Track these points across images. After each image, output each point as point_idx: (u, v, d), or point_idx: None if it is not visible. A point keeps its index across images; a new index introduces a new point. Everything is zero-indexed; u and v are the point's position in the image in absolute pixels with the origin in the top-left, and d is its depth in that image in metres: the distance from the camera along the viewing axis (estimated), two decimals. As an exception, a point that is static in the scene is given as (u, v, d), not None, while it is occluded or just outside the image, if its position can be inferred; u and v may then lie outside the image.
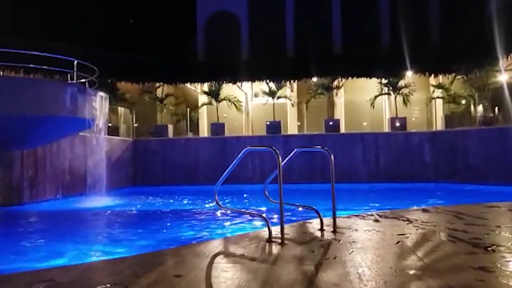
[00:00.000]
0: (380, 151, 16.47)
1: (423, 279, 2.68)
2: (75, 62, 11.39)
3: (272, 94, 18.28)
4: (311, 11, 20.56)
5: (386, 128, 18.38)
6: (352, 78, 18.59)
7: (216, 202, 4.33)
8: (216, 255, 3.62)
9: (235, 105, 18.73)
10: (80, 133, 13.20)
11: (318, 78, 18.73)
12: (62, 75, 13.70)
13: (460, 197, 11.62)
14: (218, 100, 18.33)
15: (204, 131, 20.63)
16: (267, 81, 18.71)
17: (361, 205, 9.67)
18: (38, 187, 11.88)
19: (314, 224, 4.86)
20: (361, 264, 3.09)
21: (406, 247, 3.68)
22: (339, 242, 3.93)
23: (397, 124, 17.08)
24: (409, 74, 18.01)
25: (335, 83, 18.75)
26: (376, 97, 17.89)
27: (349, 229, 4.59)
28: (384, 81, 17.81)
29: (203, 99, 20.03)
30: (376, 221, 5.14)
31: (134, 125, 19.09)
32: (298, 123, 21.14)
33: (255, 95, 21.21)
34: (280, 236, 3.93)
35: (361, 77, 18.42)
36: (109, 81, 17.06)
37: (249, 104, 21.08)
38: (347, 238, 4.08)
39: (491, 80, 16.40)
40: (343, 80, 18.89)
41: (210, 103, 18.80)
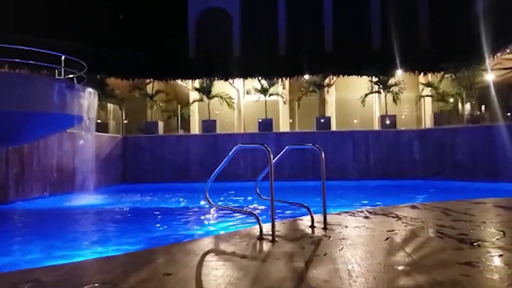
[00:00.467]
0: (370, 148, 16.59)
1: (411, 275, 2.72)
2: (63, 58, 11.24)
3: (264, 91, 18.28)
4: (303, 9, 20.59)
5: (376, 126, 18.51)
6: (343, 76, 18.69)
7: (207, 199, 4.33)
8: (206, 253, 3.63)
9: (226, 102, 18.69)
10: (68, 130, 13.05)
11: (310, 76, 18.78)
12: (49, 71, 13.51)
13: (448, 193, 11.79)
14: (209, 97, 18.27)
15: (195, 128, 20.56)
16: (259, 78, 18.70)
17: (351, 202, 9.75)
18: (24, 185, 11.72)
19: (305, 221, 4.89)
20: (351, 260, 3.13)
21: (395, 243, 3.73)
22: (329, 238, 3.97)
23: (387, 122, 17.22)
24: (399, 72, 18.14)
25: (326, 81, 18.81)
26: (366, 95, 18.00)
27: (340, 225, 4.63)
28: (375, 79, 17.92)
29: (194, 95, 19.94)
30: (366, 217, 5.19)
31: (124, 121, 18.94)
32: (290, 121, 21.19)
33: (247, 92, 21.19)
34: (271, 233, 3.96)
35: (352, 75, 18.52)
36: (98, 77, 16.88)
37: (241, 101, 21.06)
38: (337, 235, 4.12)
39: (478, 79, 16.61)
40: (334, 78, 18.96)
41: (201, 100, 18.73)
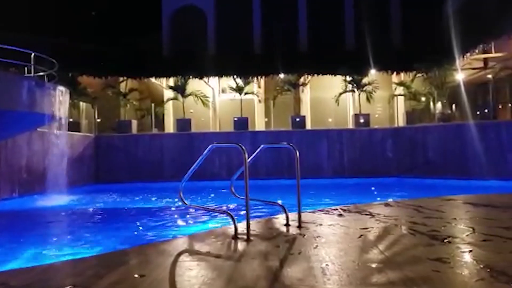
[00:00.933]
0: (344, 147, 16.82)
1: (384, 272, 2.76)
2: (33, 55, 10.89)
3: (239, 90, 18.25)
4: (278, 8, 20.65)
5: (350, 125, 18.78)
6: (318, 75, 18.88)
7: (181, 199, 4.27)
8: (180, 253, 3.58)
9: (201, 100, 18.55)
10: (38, 129, 12.67)
11: (285, 75, 18.87)
12: (18, 68, 13.06)
13: (420, 191, 12.07)
14: (184, 96, 18.08)
15: (169, 127, 20.32)
16: (234, 77, 18.65)
17: (326, 200, 9.85)
18: (-9, 185, 11.30)
19: (280, 220, 4.90)
20: (325, 258, 3.14)
21: (368, 241, 3.78)
22: (303, 237, 3.98)
23: (361, 121, 17.50)
24: (373, 72, 18.47)
25: (301, 80, 18.96)
26: (340, 94, 18.23)
27: (314, 224, 4.66)
28: (349, 78, 18.17)
29: (168, 94, 19.70)
30: (340, 215, 5.24)
31: (97, 120, 18.52)
32: (266, 119, 21.24)
33: (222, 91, 21.10)
34: (246, 232, 3.94)
35: (326, 74, 18.73)
36: (69, 75, 16.45)
37: (216, 100, 20.95)
38: (311, 233, 4.14)
39: (449, 78, 17.08)
40: (309, 77, 19.12)
41: (176, 98, 18.52)
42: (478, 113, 16.78)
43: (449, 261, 2.98)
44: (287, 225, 4.53)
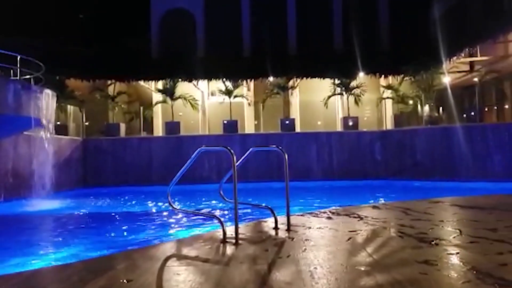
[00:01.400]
0: (333, 149, 16.89)
1: (372, 275, 2.76)
2: (19, 58, 10.74)
3: (228, 93, 18.23)
4: (267, 11, 20.70)
5: (339, 127, 18.88)
6: (307, 78, 18.95)
7: (169, 203, 4.24)
8: (168, 257, 3.55)
9: (190, 103, 18.48)
10: (25, 133, 12.49)
11: (274, 78, 18.92)
12: (4, 71, 12.87)
13: (408, 193, 12.18)
14: (173, 99, 18.00)
15: (158, 130, 20.20)
16: (224, 79, 18.63)
17: (315, 203, 9.87)
18: (-24, 190, 11.10)
19: (269, 223, 4.89)
20: (313, 261, 3.14)
21: (356, 243, 3.79)
22: (292, 240, 3.98)
23: (350, 124, 17.60)
24: (361, 75, 18.61)
25: (290, 83, 19.02)
26: (329, 97, 18.32)
27: (303, 227, 4.66)
28: (337, 81, 18.28)
29: (157, 97, 19.59)
30: (328, 218, 5.25)
31: (84, 123, 18.33)
32: (255, 122, 21.25)
33: (212, 94, 21.05)
34: (235, 236, 3.92)
35: (315, 77, 18.82)
36: (57, 78, 16.26)
37: (206, 103, 20.90)
38: (300, 236, 4.14)
39: (436, 81, 17.30)
40: (298, 80, 19.20)
41: (164, 101, 18.43)
42: (465, 115, 17.02)
43: (436, 263, 3.01)
44: (276, 228, 4.53)
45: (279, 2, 20.76)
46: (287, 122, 17.79)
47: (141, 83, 20.48)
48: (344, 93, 18.25)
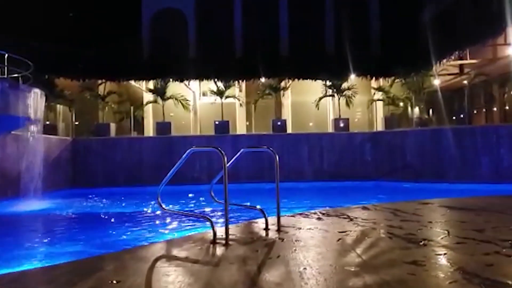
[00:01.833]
0: (324, 150, 16.95)
1: (360, 275, 2.78)
2: (6, 56, 10.62)
3: (220, 93, 18.20)
4: (259, 12, 20.71)
5: (330, 129, 18.96)
6: (298, 79, 18.99)
7: (159, 204, 4.22)
8: (158, 258, 3.53)
9: (182, 104, 18.42)
10: (13, 132, 12.33)
11: (266, 79, 18.93)
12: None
13: (398, 194, 12.27)
14: (164, 99, 17.92)
15: (149, 130, 20.09)
16: (215, 80, 18.59)
17: (305, 204, 9.89)
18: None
19: (259, 224, 4.89)
20: (303, 262, 3.15)
21: (346, 244, 3.81)
22: (282, 241, 3.99)
23: (341, 125, 17.69)
24: (352, 77, 18.71)
25: (282, 84, 19.05)
26: (320, 98, 18.40)
27: (293, 227, 4.67)
28: (329, 83, 18.37)
29: (148, 97, 19.50)
30: (319, 219, 5.27)
31: (74, 123, 18.16)
32: (247, 123, 21.23)
33: (203, 94, 21.01)
34: (225, 237, 3.92)
35: (307, 79, 18.88)
36: (46, 77, 16.09)
37: (197, 103, 20.84)
38: (290, 237, 4.14)
39: (426, 84, 17.47)
40: (290, 82, 19.24)
41: (155, 102, 18.34)
42: (454, 118, 17.21)
43: (424, 264, 3.03)
44: (266, 229, 4.53)
45: (272, 3, 20.78)
46: (278, 123, 17.82)
47: (132, 82, 20.36)
48: (335, 94, 18.34)
